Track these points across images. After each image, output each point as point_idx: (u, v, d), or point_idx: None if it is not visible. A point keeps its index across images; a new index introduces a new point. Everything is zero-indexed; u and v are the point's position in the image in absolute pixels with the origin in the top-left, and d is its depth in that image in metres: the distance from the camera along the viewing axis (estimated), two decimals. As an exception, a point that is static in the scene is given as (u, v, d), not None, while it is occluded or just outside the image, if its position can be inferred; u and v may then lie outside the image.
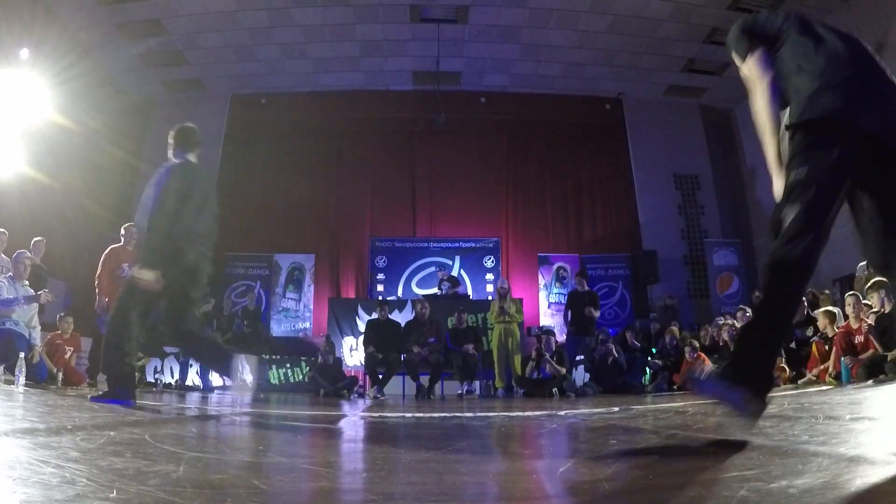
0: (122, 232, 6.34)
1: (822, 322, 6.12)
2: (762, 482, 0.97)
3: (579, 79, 11.41)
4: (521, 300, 9.28)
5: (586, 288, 8.35)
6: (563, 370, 7.27)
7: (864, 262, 7.15)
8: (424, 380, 7.34)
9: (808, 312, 7.07)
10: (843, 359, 5.67)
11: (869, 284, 5.68)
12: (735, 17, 9.12)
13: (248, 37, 10.04)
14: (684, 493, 0.92)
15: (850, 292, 6.11)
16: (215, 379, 7.62)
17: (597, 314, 8.26)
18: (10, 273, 5.80)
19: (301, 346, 9.71)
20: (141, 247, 3.51)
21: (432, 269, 10.73)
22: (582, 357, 7.86)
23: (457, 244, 11.20)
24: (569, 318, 8.38)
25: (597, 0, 9.17)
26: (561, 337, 8.81)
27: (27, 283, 5.89)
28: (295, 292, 10.96)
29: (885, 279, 5.48)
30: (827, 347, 6.13)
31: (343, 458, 1.67)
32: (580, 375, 7.71)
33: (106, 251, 6.11)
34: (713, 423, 2.42)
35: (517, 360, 7.79)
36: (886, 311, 5.40)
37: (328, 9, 9.44)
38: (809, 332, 6.70)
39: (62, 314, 6.91)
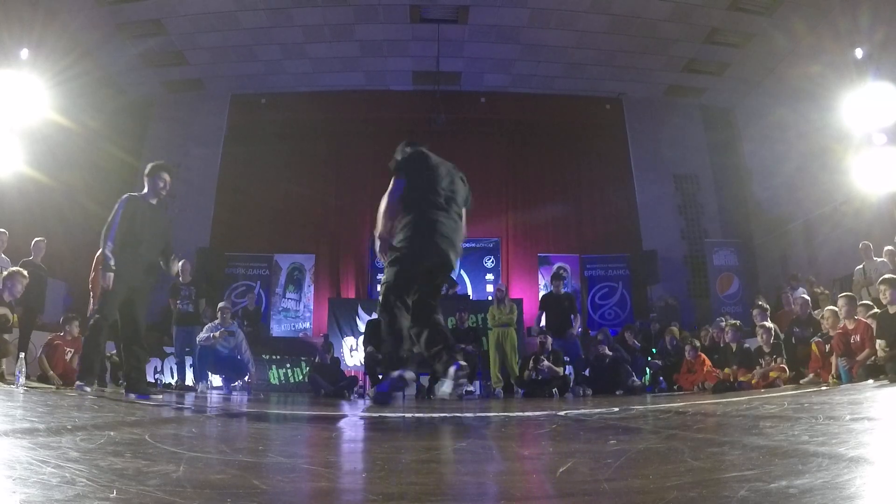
0: None
1: (829, 321, 6.11)
2: (762, 482, 0.97)
3: (579, 79, 11.41)
4: (519, 300, 9.28)
5: (563, 291, 8.20)
6: (562, 370, 7.27)
7: (862, 266, 7.15)
8: (424, 380, 7.32)
9: (810, 312, 7.07)
10: (839, 360, 5.67)
11: (881, 280, 5.65)
12: (735, 17, 9.24)
13: (248, 37, 10.04)
14: (684, 493, 0.92)
15: (842, 294, 6.11)
16: (215, 379, 7.64)
17: (576, 324, 7.94)
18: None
19: (301, 347, 9.72)
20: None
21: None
22: (567, 359, 7.73)
23: (457, 244, 11.19)
24: (542, 323, 8.01)
25: (596, 0, 9.17)
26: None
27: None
28: (295, 292, 10.96)
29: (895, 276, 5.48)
30: (828, 347, 6.13)
31: (343, 458, 1.67)
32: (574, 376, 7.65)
33: (97, 253, 6.06)
34: (713, 423, 2.43)
35: (514, 361, 7.74)
36: (891, 312, 5.39)
37: (328, 9, 9.44)
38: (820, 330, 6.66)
39: (70, 315, 6.78)
